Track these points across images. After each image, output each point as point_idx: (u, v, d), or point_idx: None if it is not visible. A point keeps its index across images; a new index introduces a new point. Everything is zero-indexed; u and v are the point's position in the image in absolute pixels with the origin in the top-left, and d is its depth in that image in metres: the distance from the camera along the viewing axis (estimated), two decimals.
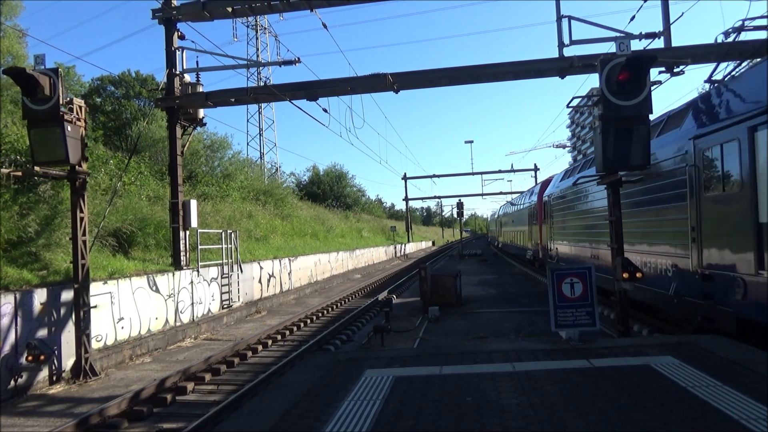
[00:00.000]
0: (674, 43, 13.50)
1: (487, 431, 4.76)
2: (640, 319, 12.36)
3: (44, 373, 10.62)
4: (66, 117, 10.47)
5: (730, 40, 11.73)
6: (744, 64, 10.32)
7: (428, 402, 5.61)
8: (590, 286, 8.30)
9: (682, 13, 13.82)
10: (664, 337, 9.51)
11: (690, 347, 7.38)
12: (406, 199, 71.82)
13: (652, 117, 9.27)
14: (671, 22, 13.52)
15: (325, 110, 16.70)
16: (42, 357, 9.99)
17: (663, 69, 13.00)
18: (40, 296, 10.71)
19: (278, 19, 53.56)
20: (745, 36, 11.48)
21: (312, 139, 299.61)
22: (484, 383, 6.17)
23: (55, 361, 10.90)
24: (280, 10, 16.30)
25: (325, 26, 16.19)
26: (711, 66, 11.41)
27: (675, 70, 12.92)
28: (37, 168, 10.55)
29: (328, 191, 61.10)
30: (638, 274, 9.00)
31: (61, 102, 10.35)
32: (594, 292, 8.32)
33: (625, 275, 8.99)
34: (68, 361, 11.08)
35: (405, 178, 67.98)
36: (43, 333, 10.65)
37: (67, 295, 11.28)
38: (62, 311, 11.22)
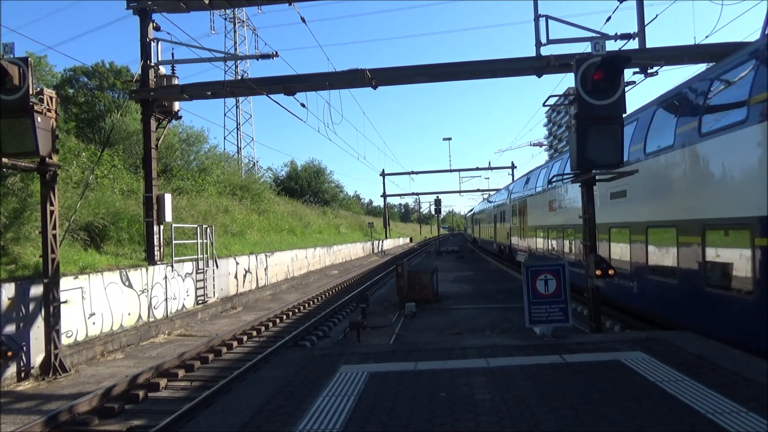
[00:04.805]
0: (648, 45, 13.72)
1: (460, 427, 4.80)
2: (613, 315, 12.58)
3: (12, 370, 10.36)
4: (36, 108, 10.21)
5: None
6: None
7: (402, 398, 5.64)
8: (564, 283, 8.41)
9: (656, 15, 13.92)
10: (635, 333, 9.70)
11: (659, 343, 7.55)
12: (384, 196, 71.89)
13: None
14: (646, 23, 13.73)
15: (303, 105, 16.62)
16: (9, 353, 9.76)
17: (637, 70, 13.20)
18: (8, 291, 10.45)
19: (256, 13, 53.11)
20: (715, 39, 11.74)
21: (290, 134, 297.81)
22: (458, 379, 6.23)
23: (24, 358, 10.64)
24: (258, 3, 16.20)
25: (303, 20, 16.06)
26: (684, 67, 11.66)
27: (649, 71, 13.14)
28: (5, 159, 10.24)
29: (305, 187, 60.84)
30: (610, 272, 9.14)
31: (31, 92, 10.09)
32: (567, 290, 8.44)
33: (598, 272, 9.12)
34: (37, 358, 10.84)
35: (383, 174, 68.12)
36: (10, 329, 10.39)
37: (36, 290, 11.03)
38: (31, 306, 10.97)
